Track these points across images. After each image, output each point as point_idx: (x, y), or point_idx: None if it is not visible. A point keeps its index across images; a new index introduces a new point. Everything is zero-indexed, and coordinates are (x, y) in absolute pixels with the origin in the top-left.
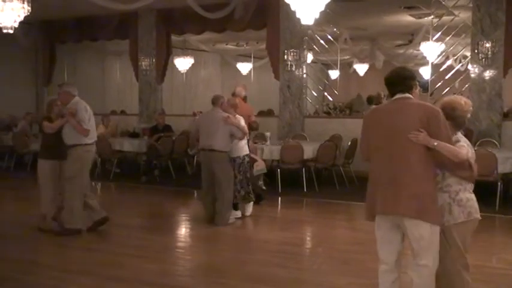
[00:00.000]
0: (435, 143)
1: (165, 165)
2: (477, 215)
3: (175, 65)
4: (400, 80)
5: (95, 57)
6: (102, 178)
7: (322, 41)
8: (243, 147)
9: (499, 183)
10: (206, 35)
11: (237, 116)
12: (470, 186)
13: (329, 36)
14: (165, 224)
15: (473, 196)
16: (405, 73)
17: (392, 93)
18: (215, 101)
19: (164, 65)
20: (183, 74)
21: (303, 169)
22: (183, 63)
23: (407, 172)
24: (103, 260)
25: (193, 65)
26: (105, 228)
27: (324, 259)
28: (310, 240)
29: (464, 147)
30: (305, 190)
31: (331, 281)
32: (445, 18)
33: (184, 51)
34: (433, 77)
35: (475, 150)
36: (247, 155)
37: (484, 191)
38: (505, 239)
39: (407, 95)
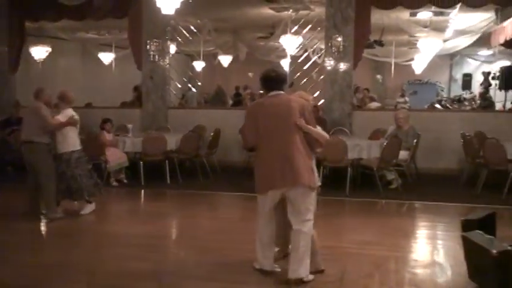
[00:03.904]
0: (311, 128)
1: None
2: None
3: (30, 54)
4: (280, 80)
5: None
6: None
7: (185, 32)
8: (72, 143)
9: (349, 169)
10: (65, 23)
11: (66, 110)
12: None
13: (192, 28)
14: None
15: None
16: (281, 75)
17: (268, 89)
18: (36, 94)
19: (17, 54)
20: (39, 63)
21: (166, 161)
22: (39, 52)
23: (295, 151)
24: None
25: (51, 54)
26: None
27: (185, 250)
28: (172, 232)
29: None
30: (168, 182)
31: (192, 271)
32: (302, 12)
33: (41, 39)
34: (292, 69)
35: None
36: (77, 150)
37: (335, 177)
38: (354, 220)
39: (281, 92)
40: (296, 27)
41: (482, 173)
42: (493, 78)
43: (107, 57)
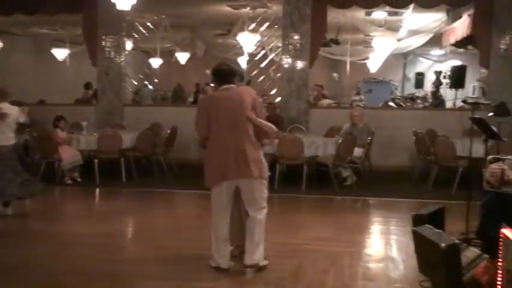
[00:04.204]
0: (261, 121)
1: None
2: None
3: None
4: (230, 73)
5: None
6: None
7: (142, 28)
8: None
9: (305, 166)
10: (17, 18)
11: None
12: None
13: (149, 24)
14: None
15: None
16: (233, 69)
17: (220, 83)
18: None
19: None
20: None
21: (122, 159)
22: None
23: (248, 143)
24: None
25: (2, 49)
26: None
27: (141, 249)
28: (128, 231)
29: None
30: (124, 180)
31: (148, 270)
32: (259, 10)
33: None
34: (249, 66)
35: (285, 135)
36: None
37: (291, 174)
38: (310, 217)
39: (233, 85)
40: (253, 25)
41: (433, 169)
42: (444, 77)
43: (60, 53)
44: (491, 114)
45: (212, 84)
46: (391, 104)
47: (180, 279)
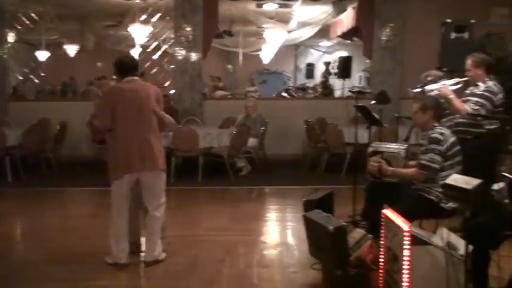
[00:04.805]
0: (164, 114)
1: None
2: None
3: None
4: (134, 65)
5: None
6: None
7: (25, 19)
8: None
9: (200, 158)
10: None
11: None
12: None
13: (33, 15)
14: None
15: None
16: (136, 61)
17: (124, 75)
18: None
19: None
20: None
21: (7, 157)
22: None
23: (153, 135)
24: None
25: None
26: None
27: (33, 252)
28: (17, 234)
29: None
30: (9, 180)
31: (42, 274)
32: (150, 1)
33: None
34: (141, 58)
35: (179, 128)
36: None
37: (187, 166)
38: (207, 208)
39: (136, 77)
40: (145, 16)
41: (323, 156)
42: (333, 67)
43: None
44: (373, 102)
45: (114, 77)
46: (284, 94)
47: (75, 280)
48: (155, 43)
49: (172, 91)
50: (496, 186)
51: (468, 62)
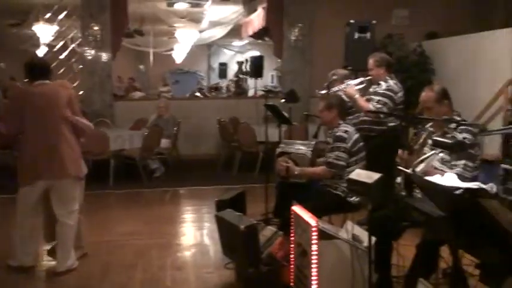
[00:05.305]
0: (78, 118)
1: None
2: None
3: None
4: (46, 68)
5: None
6: None
7: None
8: None
9: (112, 161)
10: None
11: None
12: None
13: None
14: None
15: None
16: (47, 63)
17: (34, 78)
18: None
19: None
20: None
21: None
22: None
23: (63, 141)
24: None
25: None
26: None
27: None
28: None
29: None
30: None
31: None
32: None
33: None
34: (48, 58)
35: None
36: None
37: (97, 169)
38: (119, 212)
39: (48, 81)
40: (50, 14)
41: (236, 155)
42: (246, 67)
43: None
44: (283, 100)
45: (25, 80)
46: (198, 94)
47: None
48: (62, 42)
49: (80, 92)
50: (399, 180)
51: (370, 61)
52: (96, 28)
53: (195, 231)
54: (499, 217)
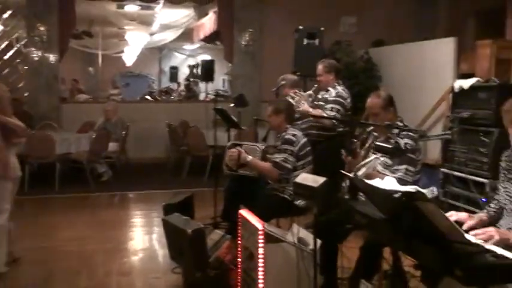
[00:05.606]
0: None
1: None
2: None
3: None
4: None
5: None
6: None
7: None
8: None
9: (58, 164)
10: None
11: None
12: None
13: None
14: None
15: None
16: None
17: None
18: None
19: None
20: None
21: None
22: None
23: None
24: None
25: None
26: None
27: None
28: None
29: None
30: None
31: None
32: None
33: None
34: None
35: (33, 133)
36: None
37: (43, 173)
38: (65, 217)
39: None
40: None
41: (186, 159)
42: (197, 71)
43: None
44: (232, 105)
45: None
46: (148, 97)
47: None
48: (6, 42)
49: (26, 94)
50: (345, 184)
51: (319, 67)
52: (42, 28)
53: (143, 236)
54: (434, 219)
